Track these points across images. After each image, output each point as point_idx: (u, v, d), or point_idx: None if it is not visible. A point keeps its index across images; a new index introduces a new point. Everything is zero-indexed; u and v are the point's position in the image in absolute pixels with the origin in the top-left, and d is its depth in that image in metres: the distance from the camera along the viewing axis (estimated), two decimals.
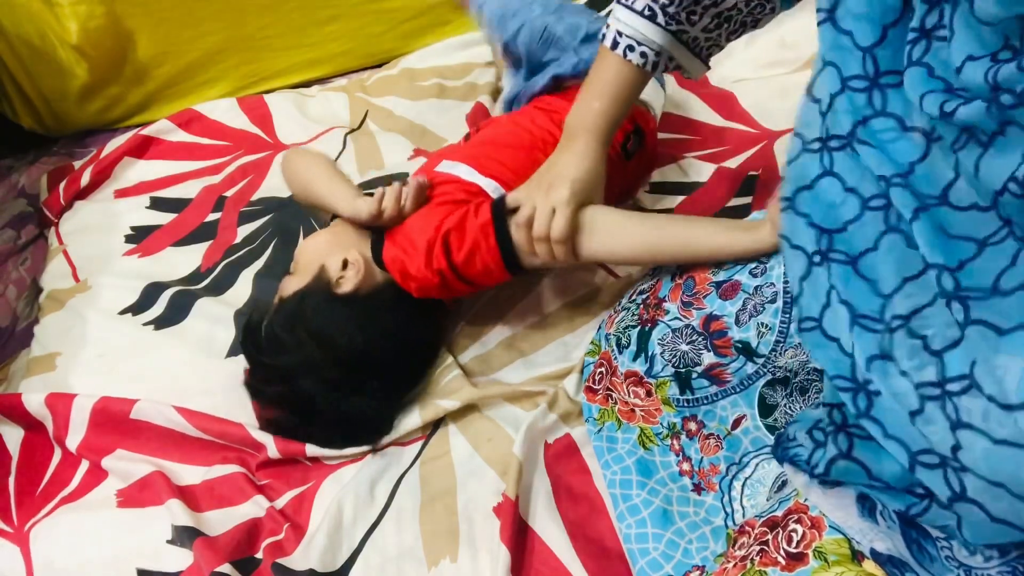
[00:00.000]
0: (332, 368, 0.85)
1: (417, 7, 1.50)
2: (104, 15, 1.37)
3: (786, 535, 0.60)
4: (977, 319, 0.47)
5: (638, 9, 0.79)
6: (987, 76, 0.44)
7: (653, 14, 0.78)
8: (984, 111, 0.45)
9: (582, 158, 0.83)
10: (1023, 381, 0.45)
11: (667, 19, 0.78)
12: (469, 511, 0.79)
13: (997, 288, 0.47)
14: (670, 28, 0.79)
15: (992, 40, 0.45)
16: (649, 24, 0.79)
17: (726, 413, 0.76)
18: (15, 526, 0.85)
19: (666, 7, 0.78)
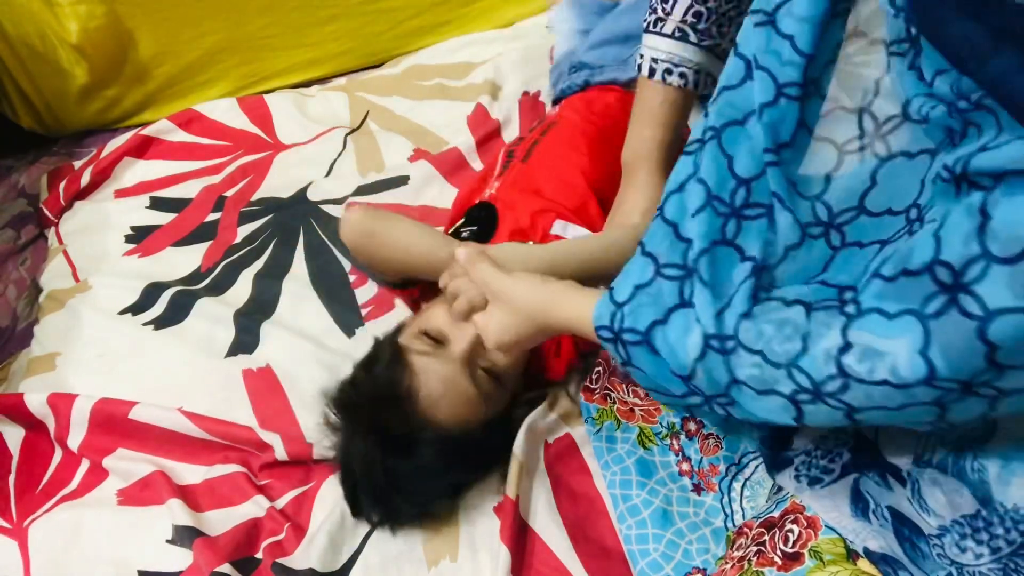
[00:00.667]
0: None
1: (417, 7, 1.50)
2: (104, 15, 1.37)
3: (783, 535, 0.60)
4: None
5: (668, 32, 0.79)
6: (951, 87, 0.48)
7: (684, 34, 0.79)
8: (945, 116, 0.48)
9: (645, 189, 0.85)
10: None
11: (699, 36, 0.79)
12: (469, 511, 0.79)
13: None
14: (703, 44, 0.79)
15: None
16: (682, 44, 0.79)
17: None
18: (14, 522, 0.85)
19: (696, 25, 0.78)
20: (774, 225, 0.56)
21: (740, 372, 0.54)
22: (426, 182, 1.20)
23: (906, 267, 0.46)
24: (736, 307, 0.54)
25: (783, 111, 0.55)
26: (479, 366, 0.80)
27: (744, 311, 0.54)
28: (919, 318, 0.45)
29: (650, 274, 0.60)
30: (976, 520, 0.53)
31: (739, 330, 0.53)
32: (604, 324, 0.61)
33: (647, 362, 0.59)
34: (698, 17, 0.78)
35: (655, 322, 0.58)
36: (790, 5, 0.54)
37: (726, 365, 0.54)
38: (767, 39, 0.55)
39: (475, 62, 1.41)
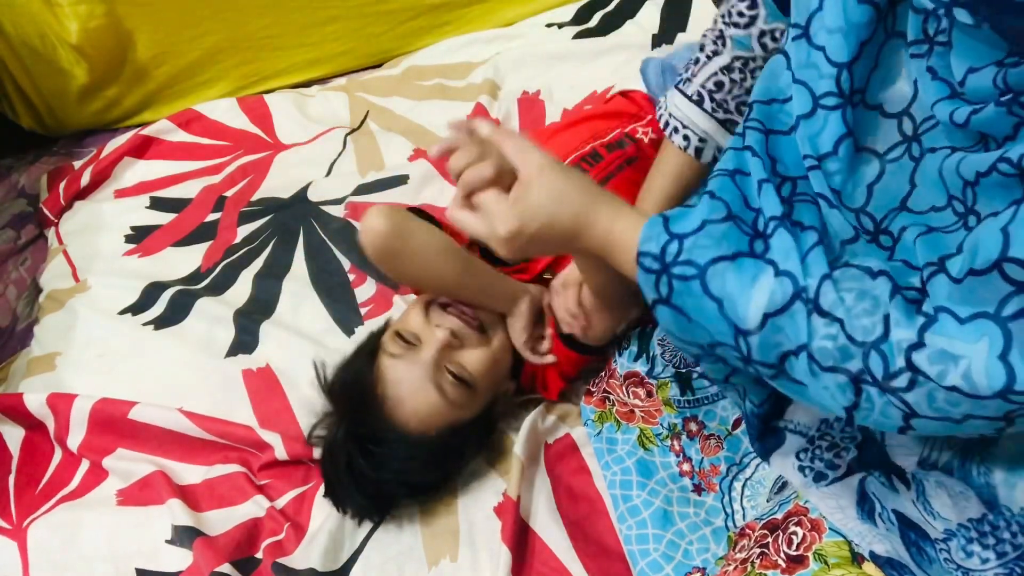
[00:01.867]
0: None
1: (417, 7, 1.49)
2: (104, 15, 1.37)
3: (786, 537, 0.60)
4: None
5: (688, 93, 0.78)
6: (995, 80, 0.45)
7: (701, 99, 0.77)
8: (1001, 114, 0.45)
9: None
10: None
11: (714, 105, 0.77)
12: (470, 511, 0.79)
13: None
14: (716, 116, 0.78)
15: (992, 50, 0.45)
16: (695, 108, 0.78)
17: (727, 413, 0.76)
18: (13, 523, 0.85)
19: (713, 93, 0.76)
20: (825, 217, 0.54)
21: (814, 339, 0.48)
22: (426, 181, 1.20)
23: (972, 266, 0.43)
24: (815, 267, 0.49)
25: (821, 122, 0.53)
26: (448, 370, 0.80)
27: (825, 272, 0.48)
28: (996, 321, 0.42)
29: (722, 214, 0.53)
30: (982, 524, 0.53)
31: (820, 291, 0.48)
32: (651, 251, 0.53)
33: (692, 304, 0.52)
34: (718, 86, 0.76)
35: (718, 258, 0.51)
36: (821, 16, 0.53)
37: (805, 327, 0.48)
38: (805, 52, 0.54)
39: (475, 62, 1.41)
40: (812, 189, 0.54)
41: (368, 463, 0.77)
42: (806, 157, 0.54)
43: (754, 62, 0.73)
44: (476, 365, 0.81)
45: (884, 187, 0.53)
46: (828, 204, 0.54)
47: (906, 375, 0.45)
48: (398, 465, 0.78)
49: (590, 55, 1.32)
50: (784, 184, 0.55)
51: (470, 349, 0.82)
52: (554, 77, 1.31)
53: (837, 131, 0.53)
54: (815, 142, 0.53)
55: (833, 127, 0.53)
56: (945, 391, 0.44)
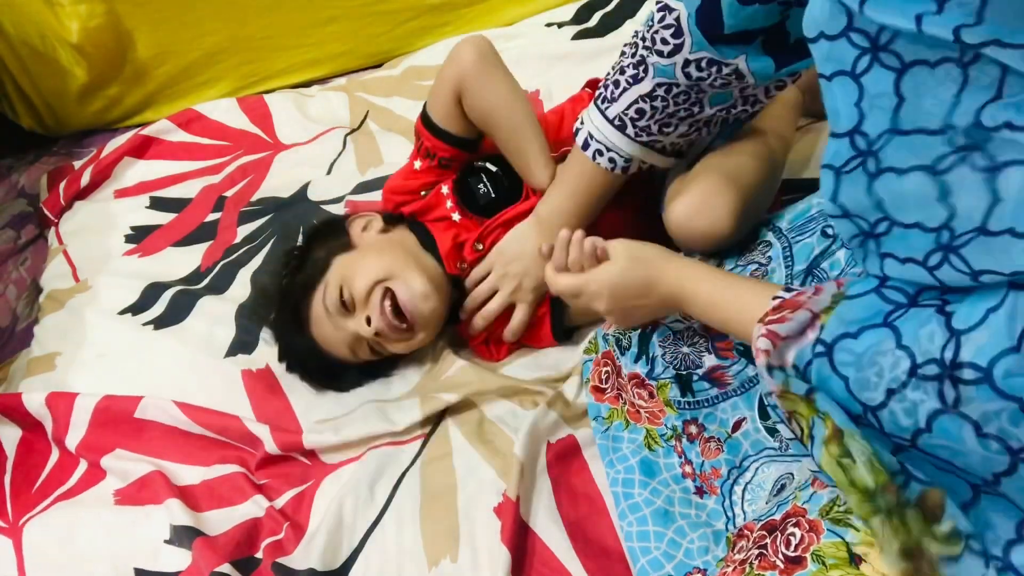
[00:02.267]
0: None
1: (417, 7, 1.50)
2: (104, 15, 1.37)
3: (784, 538, 0.60)
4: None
5: (609, 117, 0.78)
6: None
7: (623, 125, 0.77)
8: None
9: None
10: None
11: (636, 132, 0.77)
12: (469, 511, 0.79)
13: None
14: (640, 139, 0.78)
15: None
16: (618, 134, 0.78)
17: (727, 416, 0.76)
18: (9, 521, 0.85)
19: (636, 121, 0.76)
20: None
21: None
22: None
23: None
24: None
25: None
26: (368, 344, 0.90)
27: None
28: None
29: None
30: None
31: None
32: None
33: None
34: (640, 114, 0.75)
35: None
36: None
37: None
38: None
39: None
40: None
41: (293, 347, 0.94)
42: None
43: (677, 88, 0.73)
44: (395, 349, 0.92)
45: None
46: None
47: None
48: (315, 361, 0.93)
49: (590, 55, 1.32)
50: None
51: (393, 341, 0.91)
52: (554, 77, 1.31)
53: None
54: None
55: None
56: None
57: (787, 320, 0.56)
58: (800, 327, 0.55)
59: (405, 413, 0.87)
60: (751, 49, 0.68)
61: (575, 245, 0.76)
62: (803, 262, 0.72)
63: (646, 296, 0.72)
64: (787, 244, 0.75)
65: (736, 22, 0.65)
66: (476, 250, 0.93)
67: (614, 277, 0.73)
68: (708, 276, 0.68)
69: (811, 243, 0.73)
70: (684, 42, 0.68)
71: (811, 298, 0.56)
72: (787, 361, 0.56)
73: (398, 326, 0.88)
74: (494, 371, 0.91)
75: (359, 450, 0.86)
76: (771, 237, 0.77)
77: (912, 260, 0.49)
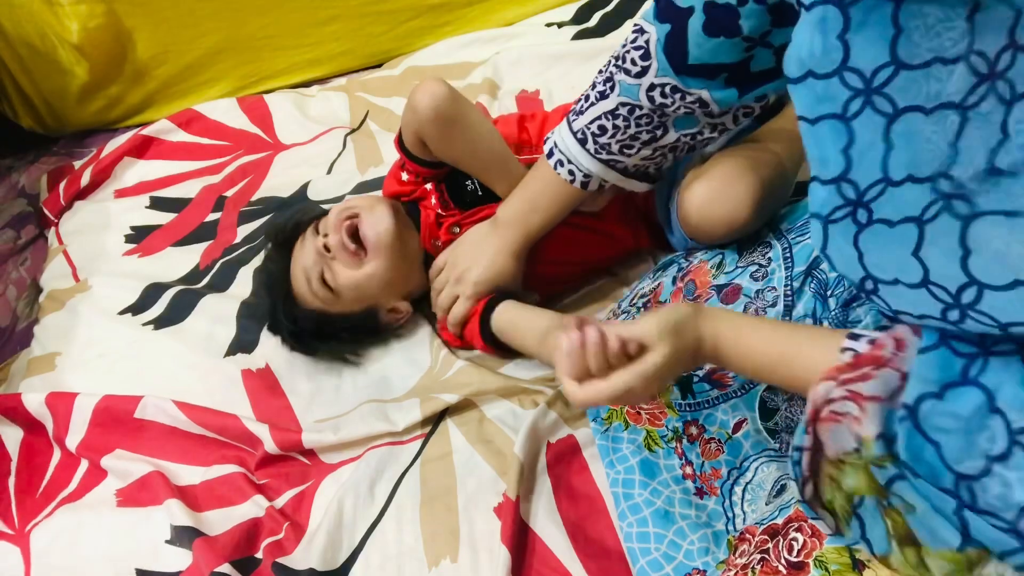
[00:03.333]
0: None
1: (417, 7, 1.50)
2: (104, 15, 1.37)
3: (787, 543, 0.59)
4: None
5: (574, 130, 0.77)
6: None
7: (584, 139, 0.77)
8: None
9: (496, 257, 0.88)
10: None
11: (596, 148, 0.77)
12: (469, 511, 0.79)
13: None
14: (599, 157, 0.77)
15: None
16: (579, 147, 0.77)
17: (727, 417, 0.76)
18: (15, 528, 0.85)
19: (596, 136, 0.76)
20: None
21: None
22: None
23: None
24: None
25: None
26: (319, 272, 0.93)
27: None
28: None
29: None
30: None
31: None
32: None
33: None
34: (602, 131, 0.75)
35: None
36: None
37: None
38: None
39: (474, 62, 1.41)
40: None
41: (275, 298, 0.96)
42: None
43: (640, 110, 0.72)
44: (341, 279, 0.93)
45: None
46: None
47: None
48: (288, 311, 0.95)
49: (589, 55, 1.32)
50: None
51: (341, 267, 0.93)
52: (553, 77, 1.31)
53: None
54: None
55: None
56: None
57: (871, 378, 0.50)
58: (888, 389, 0.49)
59: (405, 413, 0.87)
60: (714, 84, 0.68)
61: (596, 352, 0.60)
62: (803, 263, 0.72)
63: (689, 365, 0.64)
64: (787, 245, 0.75)
65: (700, 53, 0.65)
66: (451, 232, 0.96)
67: (662, 366, 0.60)
68: (755, 331, 0.61)
69: (811, 244, 0.73)
70: (651, 65, 0.68)
71: (896, 354, 0.50)
72: (872, 430, 0.50)
73: (348, 245, 0.91)
74: (494, 371, 0.91)
75: (359, 450, 0.86)
76: (771, 238, 0.77)
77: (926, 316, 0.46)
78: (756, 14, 0.62)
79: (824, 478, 0.54)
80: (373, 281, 0.93)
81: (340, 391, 0.95)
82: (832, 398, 0.52)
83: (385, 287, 0.95)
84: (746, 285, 0.75)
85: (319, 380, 0.97)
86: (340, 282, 0.93)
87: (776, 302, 0.72)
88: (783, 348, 0.58)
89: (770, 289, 0.73)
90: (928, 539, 0.49)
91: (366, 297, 0.94)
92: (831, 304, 0.70)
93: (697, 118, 0.72)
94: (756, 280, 0.74)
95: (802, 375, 0.56)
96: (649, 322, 0.62)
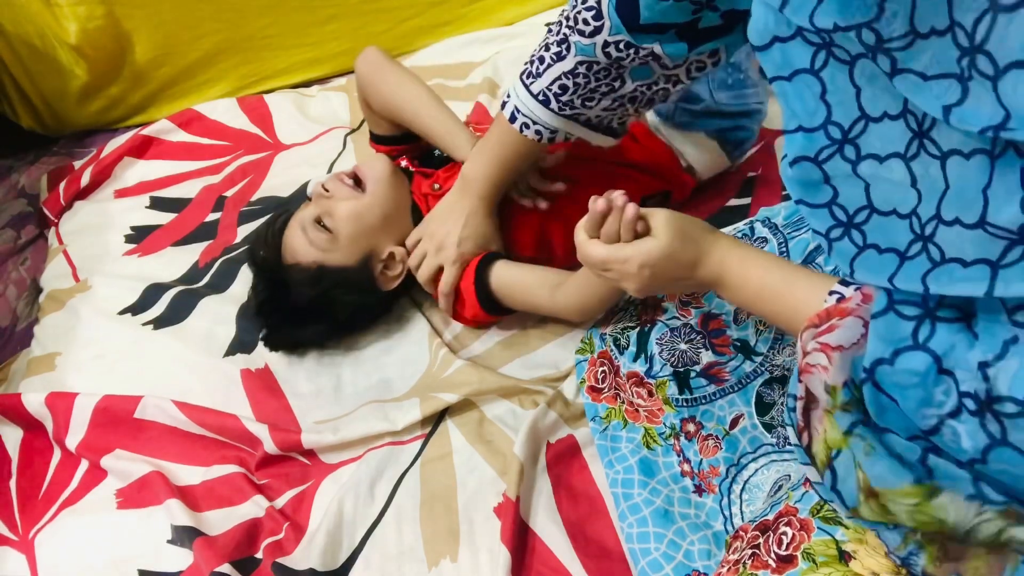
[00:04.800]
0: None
1: (417, 7, 1.50)
2: (104, 16, 1.37)
3: (776, 537, 0.60)
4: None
5: (534, 92, 0.80)
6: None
7: (547, 100, 0.79)
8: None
9: (472, 218, 0.91)
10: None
11: (560, 106, 0.79)
12: (469, 511, 0.79)
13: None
14: (564, 113, 0.80)
15: None
16: (543, 108, 0.80)
17: (724, 413, 0.76)
18: (20, 534, 0.86)
19: (560, 96, 0.78)
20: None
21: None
22: None
23: None
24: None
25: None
26: (316, 216, 0.94)
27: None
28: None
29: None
30: None
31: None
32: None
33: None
34: (563, 89, 0.78)
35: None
36: None
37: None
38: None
39: (474, 62, 1.42)
40: None
41: (263, 279, 0.98)
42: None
43: (598, 65, 0.75)
44: (340, 212, 0.94)
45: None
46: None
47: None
48: (278, 291, 0.95)
49: None
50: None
51: (339, 202, 0.95)
52: None
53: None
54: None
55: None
56: None
57: (836, 328, 0.53)
58: (852, 337, 0.52)
59: (405, 413, 0.87)
60: (665, 38, 0.70)
61: (616, 214, 0.67)
62: (798, 257, 0.72)
63: (686, 277, 0.67)
64: (783, 240, 0.75)
65: (651, 14, 0.67)
66: (434, 189, 1.00)
67: (657, 254, 0.65)
68: (759, 261, 0.63)
69: (806, 238, 0.73)
70: (604, 24, 0.71)
71: (860, 305, 0.53)
72: (839, 378, 0.52)
73: (347, 180, 0.96)
74: (494, 371, 0.91)
75: (359, 450, 0.86)
76: (767, 233, 0.78)
77: (892, 250, 0.49)
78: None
79: (815, 428, 0.55)
80: (373, 211, 0.95)
81: (340, 392, 0.95)
82: (807, 350, 0.54)
83: (382, 221, 0.96)
84: None
85: (319, 381, 0.97)
86: (339, 215, 0.94)
87: None
88: (779, 285, 0.61)
89: None
90: (886, 481, 0.51)
91: (364, 231, 0.95)
92: None
93: (652, 69, 0.75)
94: None
95: (790, 313, 0.59)
96: (661, 213, 0.67)
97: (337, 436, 0.87)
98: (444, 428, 0.87)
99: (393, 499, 0.82)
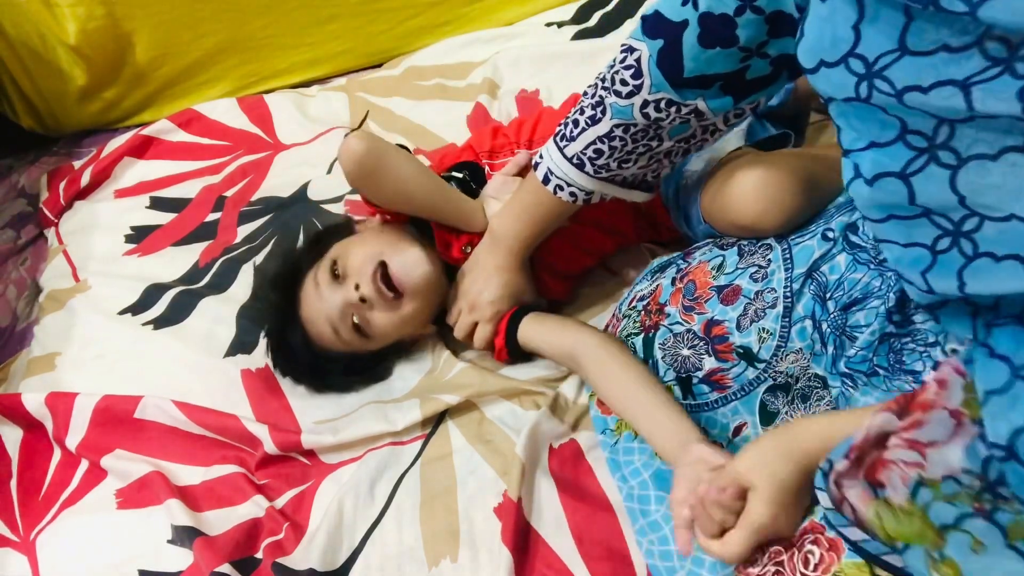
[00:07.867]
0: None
1: (417, 7, 1.49)
2: (103, 16, 1.37)
3: (802, 556, 0.58)
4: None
5: (568, 155, 0.78)
6: None
7: (581, 163, 0.78)
8: None
9: (505, 275, 0.90)
10: None
11: (595, 169, 0.78)
12: (469, 511, 0.79)
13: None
14: (599, 176, 0.78)
15: None
16: (577, 171, 0.78)
17: (727, 420, 0.75)
18: (21, 535, 0.86)
19: (594, 159, 0.77)
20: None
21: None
22: None
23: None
24: None
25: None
26: (351, 320, 0.89)
27: None
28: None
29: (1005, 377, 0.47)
30: None
31: None
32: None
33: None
34: (598, 154, 0.76)
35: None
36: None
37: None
38: None
39: (474, 62, 1.41)
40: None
41: (282, 342, 0.94)
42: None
43: (635, 127, 0.72)
44: (378, 324, 0.90)
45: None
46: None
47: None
48: (303, 355, 0.92)
49: (589, 54, 1.32)
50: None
51: (378, 312, 0.89)
52: (553, 76, 1.30)
53: None
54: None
55: None
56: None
57: (924, 424, 0.50)
58: (946, 433, 0.49)
59: (405, 414, 0.87)
60: (709, 92, 0.68)
61: (714, 505, 0.61)
62: (803, 265, 0.72)
63: (805, 485, 0.60)
64: (787, 247, 0.75)
65: (696, 65, 0.65)
66: (464, 252, 0.94)
67: (774, 501, 0.59)
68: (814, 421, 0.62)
69: (811, 246, 0.72)
70: (643, 83, 0.68)
71: (939, 394, 0.50)
72: (948, 470, 0.49)
73: (386, 294, 0.88)
74: (494, 372, 0.91)
75: (359, 450, 0.87)
76: (771, 240, 0.77)
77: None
78: (753, 24, 0.62)
79: (860, 503, 0.53)
80: (412, 319, 0.92)
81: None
82: (889, 445, 0.51)
83: (421, 322, 0.94)
84: (745, 286, 0.75)
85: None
86: (377, 327, 0.89)
87: (775, 303, 0.72)
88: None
89: (769, 290, 0.73)
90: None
91: (403, 335, 0.93)
92: (830, 307, 0.70)
93: (690, 124, 0.73)
94: (755, 281, 0.74)
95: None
96: (739, 464, 0.61)
97: (337, 437, 0.87)
98: (444, 428, 0.87)
99: (393, 499, 0.82)
